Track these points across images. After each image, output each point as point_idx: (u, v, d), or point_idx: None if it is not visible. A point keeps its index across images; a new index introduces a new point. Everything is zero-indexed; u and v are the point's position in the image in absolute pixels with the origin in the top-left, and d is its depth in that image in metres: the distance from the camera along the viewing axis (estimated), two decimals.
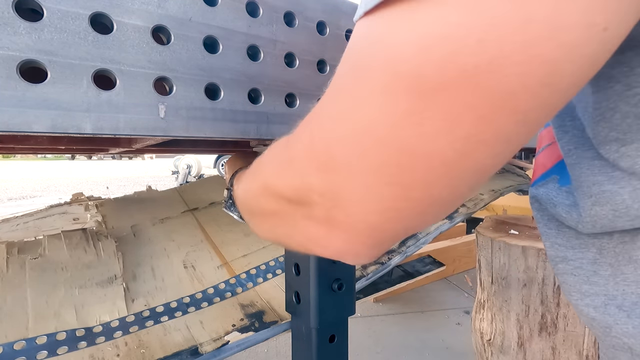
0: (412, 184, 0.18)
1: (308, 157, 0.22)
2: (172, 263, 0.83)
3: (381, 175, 0.18)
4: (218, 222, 1.00)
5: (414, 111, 0.16)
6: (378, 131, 0.17)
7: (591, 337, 1.15)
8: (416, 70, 0.16)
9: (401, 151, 0.17)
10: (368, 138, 0.18)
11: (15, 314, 0.63)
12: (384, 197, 0.19)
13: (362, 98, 0.18)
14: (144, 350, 0.63)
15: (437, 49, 0.15)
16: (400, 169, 0.18)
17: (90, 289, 0.71)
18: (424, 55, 0.15)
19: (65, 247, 0.77)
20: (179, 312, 0.71)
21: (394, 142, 0.17)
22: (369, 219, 0.20)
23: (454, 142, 0.16)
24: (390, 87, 0.16)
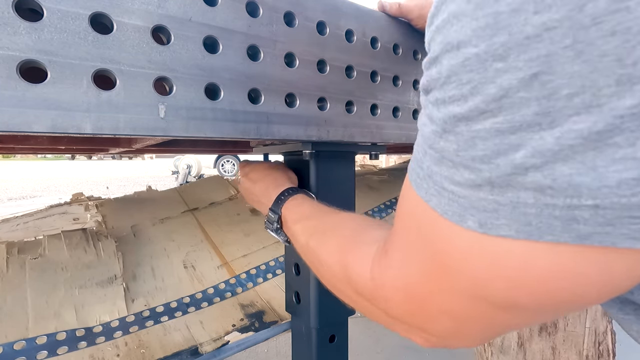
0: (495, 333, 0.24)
1: (402, 307, 0.26)
2: (172, 263, 0.83)
3: (471, 335, 0.24)
4: (218, 222, 1.00)
5: (493, 315, 0.21)
6: (461, 317, 0.23)
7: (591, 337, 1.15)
8: (507, 298, 0.19)
9: (473, 329, 0.23)
10: (454, 320, 0.23)
11: (15, 314, 0.63)
12: (473, 340, 0.25)
13: (449, 293, 0.22)
14: (144, 350, 0.63)
15: (524, 289, 0.18)
16: (490, 330, 0.24)
17: (90, 289, 0.71)
18: (511, 290, 0.19)
19: (65, 247, 0.77)
20: (179, 312, 0.71)
21: (470, 325, 0.23)
22: (464, 345, 0.25)
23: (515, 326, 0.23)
24: (477, 295, 0.20)
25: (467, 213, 0.18)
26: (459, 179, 0.18)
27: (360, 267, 0.30)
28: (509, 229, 0.17)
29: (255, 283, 0.82)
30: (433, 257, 0.22)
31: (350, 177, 0.65)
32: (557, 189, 0.15)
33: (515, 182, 0.16)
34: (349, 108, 0.51)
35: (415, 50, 0.59)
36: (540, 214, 0.16)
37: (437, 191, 0.20)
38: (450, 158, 0.18)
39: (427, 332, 0.26)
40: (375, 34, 0.53)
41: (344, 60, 0.50)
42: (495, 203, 0.17)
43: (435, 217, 0.20)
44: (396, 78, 0.56)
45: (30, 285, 0.68)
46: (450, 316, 0.23)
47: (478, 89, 0.16)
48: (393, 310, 0.27)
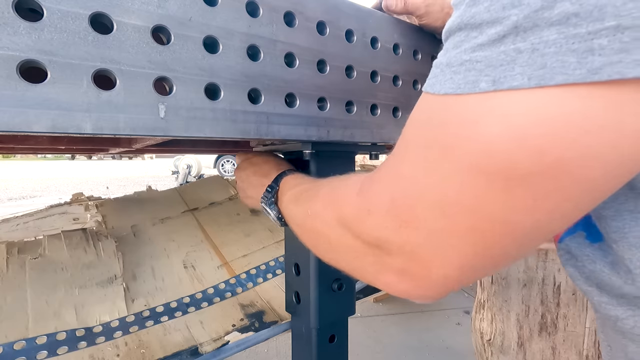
0: (494, 246, 0.22)
1: (388, 214, 0.24)
2: (172, 263, 0.83)
3: (465, 238, 0.22)
4: (218, 222, 1.00)
5: (504, 189, 0.19)
6: (467, 202, 0.21)
7: (591, 337, 1.15)
8: (510, 157, 0.18)
9: (487, 220, 0.21)
10: (456, 207, 0.21)
11: (15, 314, 0.63)
12: (465, 255, 0.22)
13: (451, 172, 0.21)
14: (144, 350, 0.63)
15: (532, 141, 0.18)
16: (485, 234, 0.21)
17: (90, 289, 0.71)
18: (518, 144, 0.18)
19: (65, 247, 0.77)
20: (179, 312, 0.71)
21: (482, 212, 0.21)
22: (446, 273, 0.23)
23: (537, 216, 0.20)
24: (482, 168, 0.20)
25: (481, 75, 0.19)
26: (483, 40, 0.19)
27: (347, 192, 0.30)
28: (522, 77, 0.18)
29: (255, 283, 0.82)
30: (439, 140, 0.22)
31: None
32: (582, 15, 0.16)
33: (542, 18, 0.17)
34: (349, 108, 0.51)
35: (415, 50, 0.59)
36: (558, 51, 0.17)
37: (454, 72, 0.21)
38: (480, 19, 0.19)
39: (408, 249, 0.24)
40: (375, 34, 0.53)
41: (344, 60, 0.50)
42: (515, 51, 0.18)
43: (447, 100, 0.21)
44: (396, 78, 0.56)
45: (30, 285, 0.68)
46: (442, 209, 0.21)
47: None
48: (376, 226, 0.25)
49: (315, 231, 0.36)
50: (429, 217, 0.22)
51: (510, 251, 0.22)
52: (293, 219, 0.45)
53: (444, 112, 0.22)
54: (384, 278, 0.27)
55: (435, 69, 0.23)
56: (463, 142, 0.20)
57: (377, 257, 0.27)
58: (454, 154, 0.21)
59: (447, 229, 0.22)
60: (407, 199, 0.23)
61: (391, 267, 0.26)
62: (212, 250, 0.89)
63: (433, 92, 0.23)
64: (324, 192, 0.37)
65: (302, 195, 0.43)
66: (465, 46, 0.20)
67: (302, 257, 0.62)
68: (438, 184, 0.22)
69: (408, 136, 0.25)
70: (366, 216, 0.27)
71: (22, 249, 0.76)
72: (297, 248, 0.64)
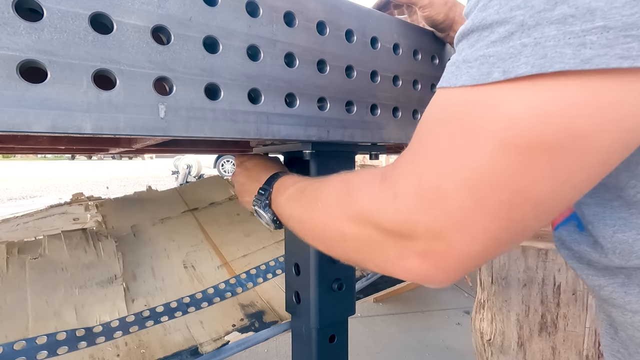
0: (517, 218, 0.24)
1: (416, 197, 0.26)
2: (172, 263, 0.83)
3: (492, 213, 0.24)
4: (218, 222, 1.00)
5: (530, 163, 0.22)
6: (495, 178, 0.23)
7: (591, 337, 1.15)
8: (531, 137, 0.21)
9: (514, 194, 0.23)
10: (485, 184, 0.23)
11: (15, 314, 0.63)
12: (491, 230, 0.24)
13: (478, 150, 0.23)
14: (144, 350, 0.63)
15: (555, 117, 0.21)
16: (511, 207, 0.23)
17: (90, 289, 0.71)
18: (542, 120, 0.21)
19: (65, 247, 0.77)
20: (179, 312, 0.71)
21: (510, 186, 0.23)
22: (469, 250, 0.25)
23: (554, 185, 0.22)
24: (507, 143, 0.22)
25: (493, 68, 0.22)
26: (494, 38, 0.22)
27: (365, 183, 0.32)
28: (526, 66, 0.21)
29: (255, 283, 0.82)
30: (461, 125, 0.24)
31: None
32: (577, 16, 0.19)
33: (544, 17, 0.20)
34: (349, 108, 0.51)
35: (416, 50, 0.59)
36: (556, 45, 0.20)
37: (470, 67, 0.24)
38: (490, 20, 0.23)
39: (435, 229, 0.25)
40: (375, 34, 0.53)
41: (344, 60, 0.50)
42: (521, 46, 0.21)
43: (463, 91, 0.24)
44: (396, 78, 0.56)
45: (30, 285, 0.68)
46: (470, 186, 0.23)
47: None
48: (403, 210, 0.27)
49: (323, 226, 0.36)
50: (457, 195, 0.24)
51: (529, 223, 0.25)
52: (293, 217, 0.45)
53: (463, 100, 0.24)
54: (405, 263, 0.28)
55: (450, 67, 0.26)
56: (487, 123, 0.23)
57: (397, 243, 0.28)
58: (479, 134, 0.23)
59: (474, 206, 0.24)
60: (435, 180, 0.25)
61: (413, 250, 0.27)
62: (212, 250, 0.89)
63: (449, 85, 0.25)
64: (333, 186, 0.37)
65: (303, 193, 0.43)
66: (480, 44, 0.23)
67: (302, 257, 0.62)
68: (465, 163, 0.24)
69: (428, 125, 0.28)
70: (391, 201, 0.28)
71: (22, 249, 0.76)
72: (297, 248, 0.64)
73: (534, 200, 0.23)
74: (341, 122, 0.50)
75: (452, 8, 0.56)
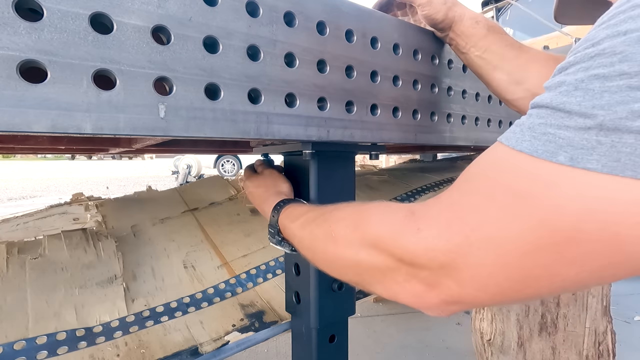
0: (532, 286, 0.25)
1: (441, 236, 0.27)
2: (172, 263, 0.83)
3: (510, 275, 0.25)
4: (218, 222, 1.00)
5: (563, 249, 0.23)
6: (524, 248, 0.24)
7: (591, 337, 1.15)
8: (577, 222, 0.22)
9: (538, 267, 0.24)
10: (513, 249, 0.24)
11: (15, 314, 0.63)
12: (503, 287, 0.25)
13: (517, 217, 0.24)
14: (144, 350, 0.63)
15: (603, 216, 0.21)
16: (529, 277, 0.24)
17: (90, 289, 0.71)
18: (590, 216, 0.22)
19: (65, 247, 0.77)
20: (179, 312, 0.71)
21: (535, 260, 0.24)
22: (478, 295, 0.26)
23: (580, 274, 0.23)
24: (548, 223, 0.23)
25: (561, 150, 0.23)
26: (569, 123, 0.23)
27: (386, 214, 0.33)
28: (597, 163, 0.21)
29: (255, 283, 0.82)
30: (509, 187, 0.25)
31: (350, 177, 0.65)
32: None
33: (624, 125, 0.21)
34: (349, 108, 0.51)
35: (416, 50, 0.59)
36: (632, 153, 0.20)
37: (534, 137, 0.24)
38: (569, 108, 0.23)
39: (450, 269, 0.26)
40: (375, 34, 0.53)
41: (344, 60, 0.50)
42: (596, 142, 0.22)
43: (521, 157, 0.25)
44: (396, 78, 0.56)
45: (30, 285, 0.68)
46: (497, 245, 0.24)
47: (628, 57, 0.21)
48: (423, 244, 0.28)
49: (337, 253, 0.38)
50: (482, 249, 0.25)
51: (542, 293, 0.26)
52: (305, 246, 0.47)
53: (518, 165, 0.25)
54: (412, 287, 0.30)
55: (515, 127, 0.27)
56: (536, 198, 0.23)
57: (408, 270, 0.30)
58: (525, 204, 0.24)
59: (495, 263, 0.25)
60: (465, 227, 0.26)
61: (423, 278, 0.29)
62: (212, 250, 0.89)
63: (509, 144, 0.26)
64: (347, 215, 0.39)
65: (314, 222, 0.45)
66: (551, 121, 0.24)
67: (302, 257, 0.62)
68: (502, 224, 0.25)
69: (475, 175, 0.29)
70: (413, 233, 0.29)
71: (22, 249, 0.76)
72: None
73: (555, 278, 0.24)
74: (341, 122, 0.50)
75: (451, 8, 0.56)
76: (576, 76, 0.23)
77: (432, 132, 0.63)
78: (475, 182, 0.28)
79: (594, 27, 0.25)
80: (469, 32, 0.57)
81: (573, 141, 0.22)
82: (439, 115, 0.64)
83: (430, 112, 0.62)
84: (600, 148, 0.21)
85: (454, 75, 0.66)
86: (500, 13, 4.84)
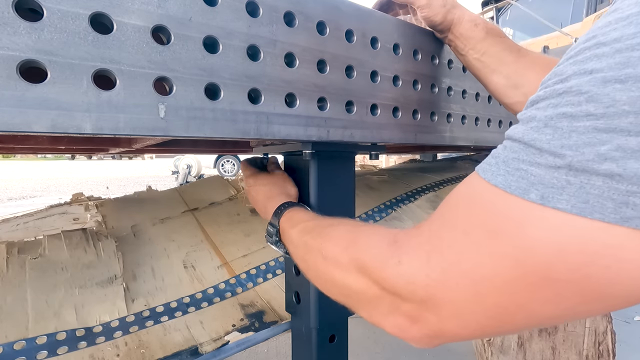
0: (509, 322, 0.25)
1: (420, 271, 0.27)
2: (172, 263, 0.83)
3: (487, 311, 0.25)
4: (218, 222, 1.00)
5: (534, 284, 0.23)
6: (499, 285, 0.24)
7: (591, 337, 1.15)
8: (549, 263, 0.22)
9: (513, 303, 0.24)
10: (489, 285, 0.24)
11: (15, 314, 0.63)
12: (481, 323, 0.26)
13: (491, 255, 0.24)
14: (144, 350, 0.63)
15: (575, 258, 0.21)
16: (506, 312, 0.25)
17: (90, 289, 0.71)
18: (562, 257, 0.22)
19: (65, 247, 0.77)
20: (179, 312, 0.71)
21: (510, 297, 0.24)
22: (458, 332, 0.27)
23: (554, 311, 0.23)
24: (520, 262, 0.23)
25: (532, 188, 0.23)
26: (540, 161, 0.23)
27: (373, 239, 0.33)
28: (567, 203, 0.21)
29: (255, 283, 0.82)
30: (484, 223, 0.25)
31: (350, 177, 0.65)
32: (625, 176, 0.20)
33: (591, 167, 0.21)
34: (349, 108, 0.51)
35: (416, 50, 0.59)
36: (600, 195, 0.20)
37: (507, 172, 0.25)
38: (539, 146, 0.23)
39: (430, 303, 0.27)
40: (375, 34, 0.53)
41: (344, 60, 0.50)
42: (566, 182, 0.22)
43: (496, 192, 0.25)
44: (396, 78, 0.56)
45: (30, 285, 0.68)
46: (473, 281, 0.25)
47: (594, 98, 0.21)
48: (403, 277, 0.28)
49: (325, 271, 0.39)
50: (459, 284, 0.25)
51: (520, 327, 0.26)
52: (299, 256, 0.47)
53: (492, 201, 0.25)
54: (395, 319, 0.30)
55: (491, 159, 0.27)
56: (509, 236, 0.24)
57: (392, 300, 0.30)
58: (499, 242, 0.24)
59: (473, 299, 0.25)
60: (443, 263, 0.26)
61: (405, 311, 0.29)
62: (212, 250, 0.89)
63: (484, 177, 0.26)
64: (339, 235, 0.39)
65: (310, 234, 0.45)
66: (524, 157, 0.24)
67: None
68: (477, 260, 0.25)
69: (454, 206, 0.29)
70: (395, 265, 0.29)
71: (22, 249, 0.76)
72: None
73: (531, 315, 0.24)
74: (341, 122, 0.50)
75: (450, 10, 0.56)
76: (546, 112, 0.24)
77: (432, 132, 0.63)
78: (453, 214, 0.28)
79: (562, 60, 0.25)
80: (468, 34, 0.56)
81: (544, 179, 0.23)
82: (439, 115, 0.64)
83: (430, 112, 0.62)
84: (570, 188, 0.21)
85: (454, 75, 0.66)
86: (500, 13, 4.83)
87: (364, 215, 1.03)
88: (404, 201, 1.14)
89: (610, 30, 0.22)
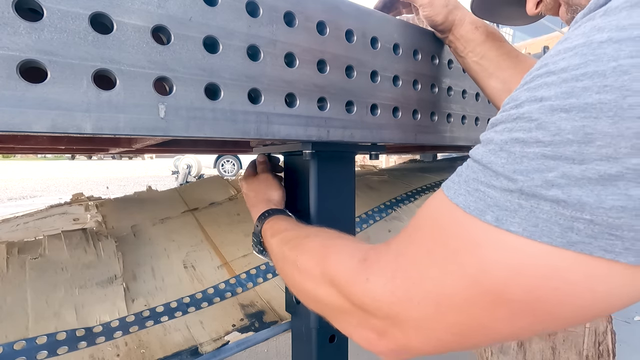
0: (470, 337, 0.26)
1: (386, 289, 0.28)
2: (172, 263, 0.83)
3: (448, 328, 0.26)
4: (218, 222, 1.00)
5: (490, 303, 0.24)
6: (458, 303, 0.25)
7: (591, 337, 1.15)
8: (503, 284, 0.23)
9: (472, 320, 0.25)
10: (448, 303, 0.25)
11: (15, 314, 0.63)
12: (443, 339, 0.27)
13: (450, 274, 0.25)
14: (144, 350, 0.63)
15: (527, 280, 0.22)
16: (466, 329, 0.25)
17: (90, 289, 0.71)
18: (515, 279, 0.23)
19: (65, 247, 0.77)
20: (179, 312, 0.71)
21: (469, 315, 0.25)
22: (422, 347, 0.28)
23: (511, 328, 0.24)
24: (476, 282, 0.24)
25: (488, 209, 0.24)
26: (496, 184, 0.24)
27: (344, 256, 0.34)
28: (519, 226, 0.22)
29: (255, 283, 0.82)
30: (445, 243, 0.26)
31: (350, 177, 0.65)
32: (569, 203, 0.21)
33: (540, 193, 0.22)
34: (349, 108, 0.51)
35: (416, 50, 0.59)
36: (548, 220, 0.21)
37: (468, 192, 0.25)
38: (495, 169, 0.24)
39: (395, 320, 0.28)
40: (375, 34, 0.53)
41: (344, 60, 0.50)
42: (518, 205, 0.23)
43: (457, 211, 0.26)
44: (396, 78, 0.56)
45: (30, 285, 0.68)
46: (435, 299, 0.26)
47: (542, 126, 0.22)
48: (370, 294, 0.29)
49: (300, 282, 0.40)
50: (422, 303, 0.26)
51: (481, 343, 0.27)
52: (278, 265, 0.49)
53: (453, 220, 0.26)
54: (363, 333, 0.31)
55: (455, 177, 0.28)
56: (466, 257, 0.25)
57: (360, 315, 0.31)
58: (456, 262, 0.25)
59: (434, 317, 0.26)
60: (406, 281, 0.27)
61: (373, 326, 0.30)
62: (212, 250, 0.89)
63: (448, 195, 0.27)
64: (313, 248, 0.40)
65: (287, 245, 0.46)
66: (482, 178, 0.25)
67: None
68: (437, 279, 0.26)
69: (421, 225, 0.29)
70: (363, 282, 0.30)
71: (22, 249, 0.76)
72: None
73: (491, 332, 0.25)
74: (341, 122, 0.50)
75: (452, 11, 0.56)
76: (502, 136, 0.24)
77: (432, 132, 0.63)
78: (419, 232, 0.29)
79: (518, 86, 0.26)
80: (468, 36, 0.56)
81: (499, 202, 0.23)
82: (439, 115, 0.64)
83: (430, 112, 0.62)
84: (522, 211, 0.22)
85: (454, 75, 0.66)
86: None
87: (364, 215, 1.03)
88: (404, 201, 1.14)
89: (559, 59, 0.23)
